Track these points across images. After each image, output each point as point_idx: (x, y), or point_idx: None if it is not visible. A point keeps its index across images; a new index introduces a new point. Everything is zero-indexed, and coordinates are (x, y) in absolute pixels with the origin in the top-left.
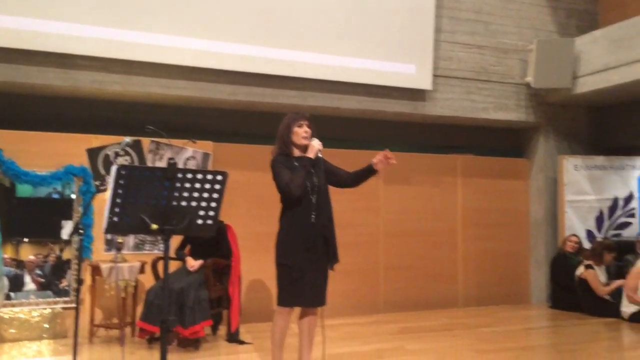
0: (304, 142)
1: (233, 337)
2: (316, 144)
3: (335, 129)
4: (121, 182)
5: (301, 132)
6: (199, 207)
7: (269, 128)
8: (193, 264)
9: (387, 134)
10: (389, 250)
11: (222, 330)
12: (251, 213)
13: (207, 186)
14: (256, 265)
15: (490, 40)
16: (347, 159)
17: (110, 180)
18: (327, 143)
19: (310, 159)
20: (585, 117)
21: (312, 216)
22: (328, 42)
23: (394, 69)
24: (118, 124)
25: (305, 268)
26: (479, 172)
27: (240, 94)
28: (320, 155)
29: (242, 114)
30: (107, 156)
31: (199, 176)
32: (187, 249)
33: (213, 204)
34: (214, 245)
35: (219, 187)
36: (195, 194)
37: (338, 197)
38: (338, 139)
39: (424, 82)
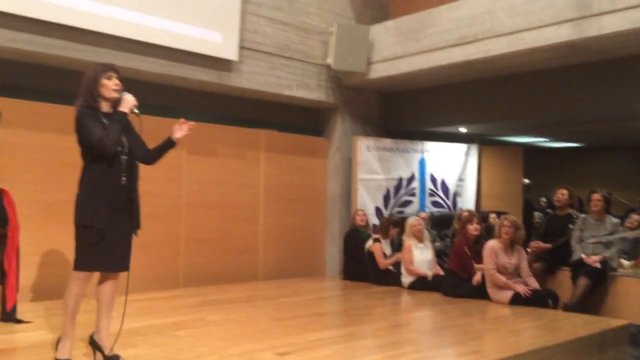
0: (115, 95)
1: (9, 316)
2: (130, 98)
3: (136, 93)
4: None
5: (111, 85)
6: None
7: (58, 84)
8: None
9: (192, 103)
10: (190, 223)
11: None
12: (35, 179)
13: None
14: (40, 237)
15: (294, 18)
16: (149, 126)
17: None
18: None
19: (124, 113)
20: (377, 101)
21: (123, 178)
22: None
23: (200, 35)
24: None
25: (109, 230)
26: (281, 148)
27: (20, 41)
28: (136, 111)
29: (27, 66)
30: None
31: None
32: None
33: None
34: None
35: None
36: None
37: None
38: (140, 104)
39: (229, 52)
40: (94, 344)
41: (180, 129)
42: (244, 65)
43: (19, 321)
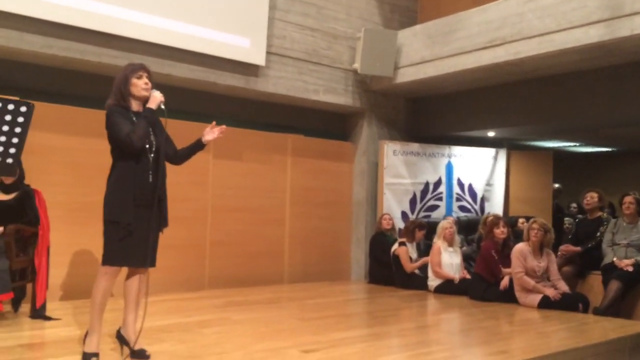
0: (144, 93)
1: (38, 313)
2: (158, 95)
3: (166, 98)
4: None
5: (141, 84)
6: None
7: (91, 90)
8: None
9: (220, 108)
10: (216, 226)
11: (26, 308)
12: (67, 181)
13: (8, 118)
14: (71, 238)
15: (322, 24)
16: (178, 130)
17: None
18: (158, 113)
19: (152, 109)
20: (404, 106)
21: (150, 175)
22: (161, 3)
23: (229, 41)
24: None
25: (136, 226)
26: (307, 153)
27: (55, 47)
28: (162, 107)
29: (61, 71)
30: None
31: None
32: None
33: (14, 140)
34: (18, 212)
35: (23, 120)
36: None
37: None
38: (168, 109)
39: (257, 57)
40: (121, 339)
41: (212, 132)
42: (271, 70)
43: (48, 318)
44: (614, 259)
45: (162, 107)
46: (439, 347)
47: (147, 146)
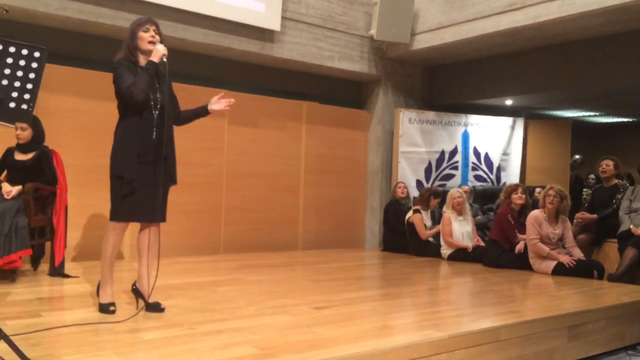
0: (151, 47)
1: (57, 271)
2: (161, 47)
3: (180, 63)
4: None
5: (147, 37)
6: (12, 87)
7: (105, 53)
8: (10, 189)
9: (234, 74)
10: (231, 192)
11: (45, 267)
12: (82, 143)
13: (22, 63)
14: (86, 200)
15: None
16: (193, 95)
17: None
18: (172, 78)
19: (154, 63)
20: (420, 74)
21: (153, 132)
22: None
23: (243, 5)
24: None
25: (141, 182)
26: (322, 120)
27: (70, 10)
28: (165, 60)
29: (75, 34)
30: None
31: (12, 49)
32: (3, 175)
33: (29, 85)
34: (36, 171)
35: (37, 66)
36: (7, 71)
37: (181, 134)
38: (183, 74)
39: (272, 22)
40: (137, 292)
41: (219, 102)
42: (286, 36)
43: (67, 276)
44: (631, 226)
45: (165, 60)
46: (449, 306)
47: (152, 103)
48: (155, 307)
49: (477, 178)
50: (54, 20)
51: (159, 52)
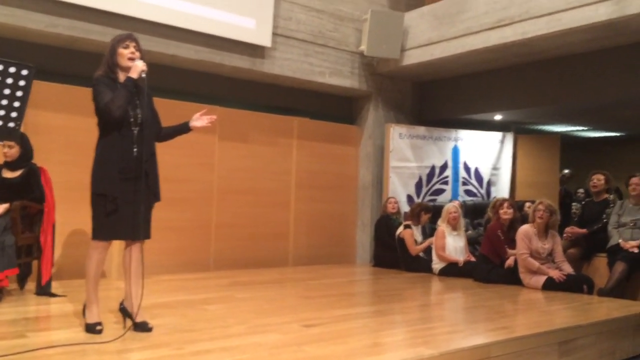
0: (130, 63)
1: (44, 290)
2: (140, 63)
3: (172, 80)
4: None
5: (126, 53)
6: None
7: (95, 70)
8: None
9: (226, 90)
10: (222, 208)
11: (31, 286)
12: (68, 160)
13: (9, 81)
14: (73, 217)
15: (328, 5)
16: (183, 111)
17: None
18: (164, 95)
19: (132, 79)
20: (410, 89)
21: (134, 148)
22: None
23: (234, 21)
24: None
25: (124, 199)
26: (313, 136)
27: (60, 27)
28: (144, 75)
29: (65, 51)
30: None
31: None
32: None
33: (16, 104)
34: (24, 189)
35: (24, 84)
36: None
37: (171, 150)
38: (174, 90)
39: (263, 38)
40: (124, 311)
41: (201, 119)
42: (277, 51)
43: (53, 295)
44: (620, 240)
45: (144, 75)
46: (440, 323)
47: (132, 119)
48: (142, 327)
49: (468, 193)
50: (44, 37)
51: (138, 68)
